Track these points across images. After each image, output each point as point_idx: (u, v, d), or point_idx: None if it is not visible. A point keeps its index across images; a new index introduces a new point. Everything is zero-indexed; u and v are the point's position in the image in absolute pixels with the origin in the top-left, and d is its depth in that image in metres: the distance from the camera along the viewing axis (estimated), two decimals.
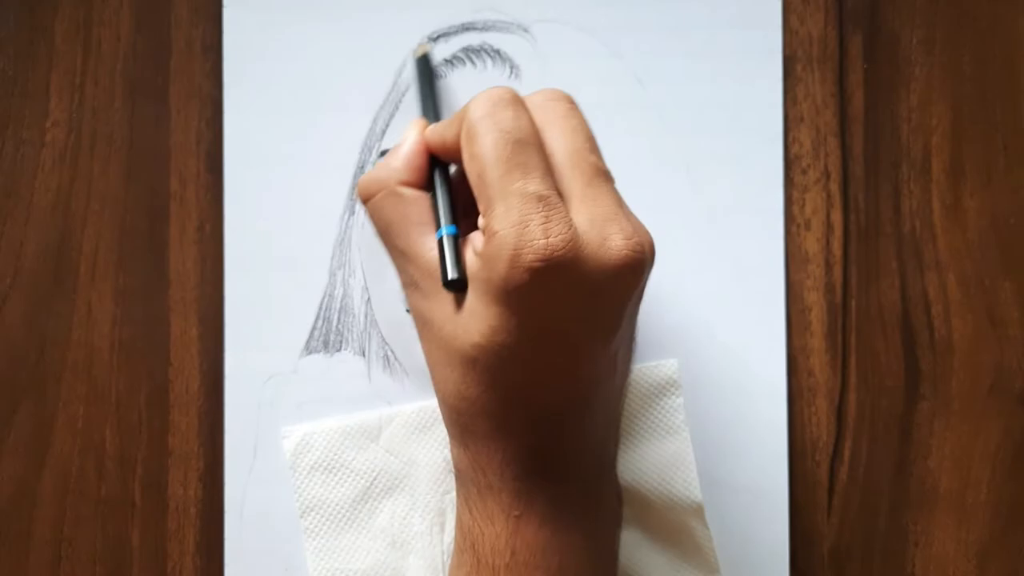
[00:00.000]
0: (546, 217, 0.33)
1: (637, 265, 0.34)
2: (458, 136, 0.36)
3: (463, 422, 0.37)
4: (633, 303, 0.36)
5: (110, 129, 0.46)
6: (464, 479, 0.38)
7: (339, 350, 0.46)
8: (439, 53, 0.46)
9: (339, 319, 0.46)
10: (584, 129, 0.36)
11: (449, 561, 0.42)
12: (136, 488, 0.46)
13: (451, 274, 0.35)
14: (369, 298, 0.46)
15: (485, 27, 0.46)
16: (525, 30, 0.46)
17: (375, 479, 0.45)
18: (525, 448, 0.37)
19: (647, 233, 0.35)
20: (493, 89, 0.35)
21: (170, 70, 0.46)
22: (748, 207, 0.46)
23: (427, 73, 0.44)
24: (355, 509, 0.45)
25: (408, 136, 0.39)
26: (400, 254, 0.38)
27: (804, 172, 0.46)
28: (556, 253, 0.32)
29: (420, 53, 0.45)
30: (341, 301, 0.46)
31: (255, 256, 0.46)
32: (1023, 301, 0.46)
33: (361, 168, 0.46)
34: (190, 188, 0.46)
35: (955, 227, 0.46)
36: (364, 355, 0.46)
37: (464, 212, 0.37)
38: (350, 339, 0.46)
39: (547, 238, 0.32)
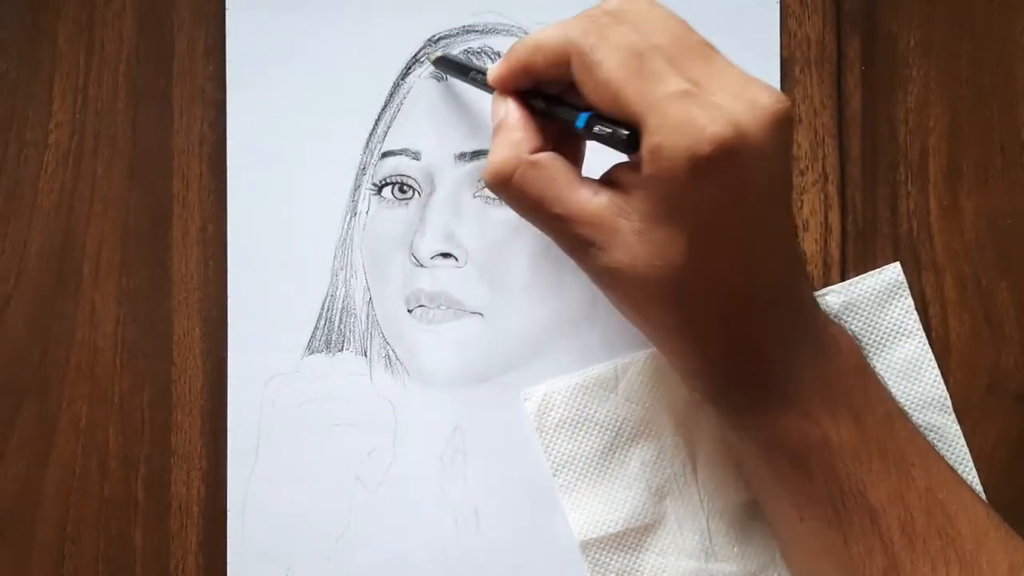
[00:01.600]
0: (700, 107, 0.33)
1: (789, 113, 0.34)
2: (550, 63, 0.35)
3: (696, 347, 0.37)
4: (792, 151, 0.37)
5: (113, 131, 0.47)
6: (727, 403, 0.38)
7: (341, 350, 0.46)
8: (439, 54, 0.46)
9: (341, 319, 0.46)
10: (670, 15, 0.35)
11: (706, 499, 0.43)
12: (139, 488, 0.46)
13: (624, 132, 0.34)
14: (371, 299, 0.46)
15: (486, 30, 0.46)
16: (525, 32, 0.46)
17: (620, 428, 0.45)
18: (763, 331, 0.36)
19: (767, 85, 0.35)
20: (588, 12, 0.35)
21: (173, 72, 0.47)
22: None
23: (456, 66, 0.43)
24: (605, 460, 0.45)
25: (502, 108, 0.38)
26: (560, 221, 0.36)
27: (802, 173, 0.46)
28: (726, 135, 0.32)
29: (434, 58, 0.45)
30: (343, 302, 0.46)
31: (258, 257, 0.46)
32: (1020, 301, 0.46)
33: (363, 169, 0.46)
34: (193, 189, 0.46)
35: (952, 228, 0.46)
36: (366, 355, 0.46)
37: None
38: (352, 339, 0.46)
39: (713, 125, 0.32)
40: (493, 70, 0.38)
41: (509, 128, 0.37)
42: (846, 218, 0.46)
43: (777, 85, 0.46)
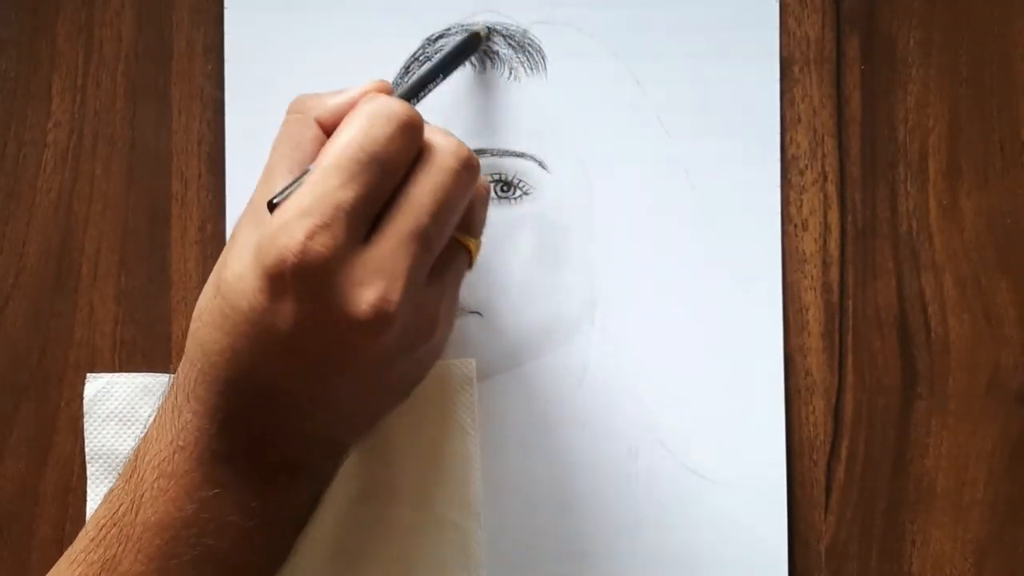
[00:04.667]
0: (325, 225, 0.32)
1: (374, 328, 0.33)
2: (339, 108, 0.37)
3: (193, 330, 0.37)
4: (367, 360, 0.35)
5: (112, 130, 0.47)
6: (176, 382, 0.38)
7: None
8: (437, 53, 0.46)
9: None
10: (449, 200, 0.35)
11: None
12: None
13: (275, 195, 0.35)
14: None
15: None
16: (524, 32, 0.46)
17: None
18: (228, 422, 0.36)
19: (406, 309, 0.34)
20: (395, 103, 0.35)
21: (171, 71, 0.47)
22: (745, 208, 0.46)
23: (461, 52, 0.43)
24: None
25: (359, 87, 0.38)
26: (269, 169, 0.38)
27: (801, 173, 0.46)
28: (305, 257, 0.32)
29: (477, 31, 0.44)
30: None
31: None
32: (1020, 301, 0.46)
33: None
34: (191, 189, 0.46)
35: (952, 227, 0.46)
36: None
37: None
38: None
39: (308, 240, 0.32)
40: (375, 94, 0.38)
41: (338, 95, 0.39)
42: (845, 217, 0.46)
43: (776, 84, 0.46)
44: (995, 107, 0.46)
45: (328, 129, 0.37)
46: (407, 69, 0.46)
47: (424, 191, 0.35)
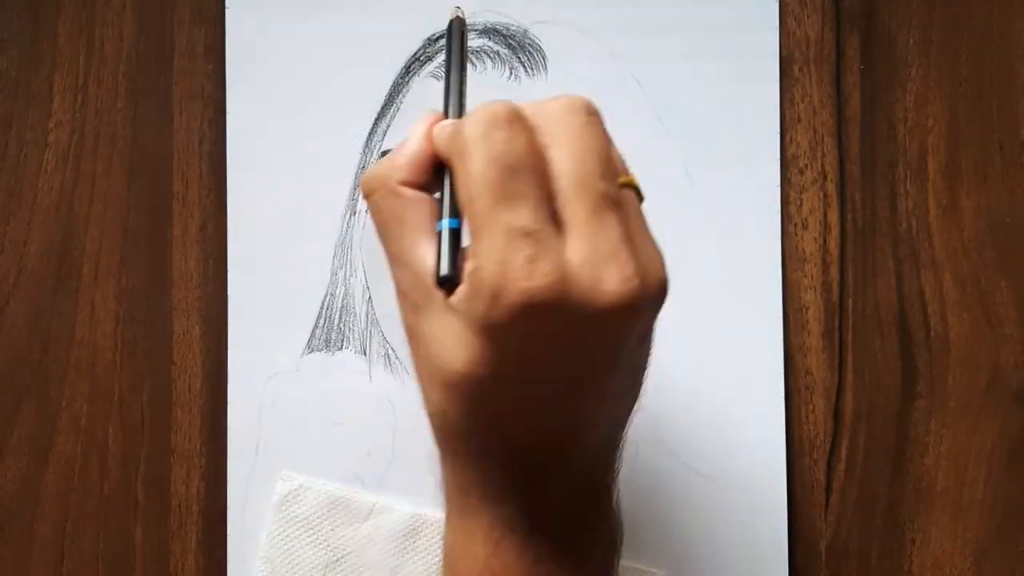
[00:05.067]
0: (531, 256, 0.30)
1: (631, 308, 0.31)
2: (448, 150, 0.33)
3: (447, 440, 0.36)
4: (633, 340, 0.34)
5: (113, 130, 0.47)
6: (448, 496, 0.37)
7: (341, 349, 0.46)
8: (438, 53, 0.46)
9: (341, 318, 0.46)
10: (598, 148, 0.33)
11: None
12: (139, 486, 0.46)
13: (444, 269, 0.32)
14: (370, 297, 0.46)
15: (485, 29, 0.46)
16: (524, 31, 0.46)
17: (342, 558, 0.45)
18: (508, 474, 0.35)
19: (656, 270, 0.32)
20: (489, 105, 0.32)
21: (172, 71, 0.47)
22: (746, 207, 0.46)
23: (457, 46, 0.38)
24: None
25: (414, 131, 0.35)
26: (393, 259, 0.35)
27: (801, 172, 0.46)
28: (538, 295, 0.30)
29: (452, 16, 0.39)
30: (343, 300, 0.46)
31: (257, 256, 0.46)
32: (1019, 300, 0.46)
33: (363, 169, 0.46)
34: (192, 188, 0.46)
35: (951, 226, 0.46)
36: (365, 354, 0.46)
37: None
38: (351, 338, 0.46)
39: (530, 279, 0.30)
40: (441, 124, 0.35)
41: (401, 151, 0.35)
42: (845, 217, 0.46)
43: (776, 84, 0.46)
44: (994, 106, 0.46)
45: (416, 185, 0.35)
46: (407, 69, 0.46)
47: (573, 158, 0.32)
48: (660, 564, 0.45)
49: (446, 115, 0.36)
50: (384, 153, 0.45)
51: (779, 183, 0.46)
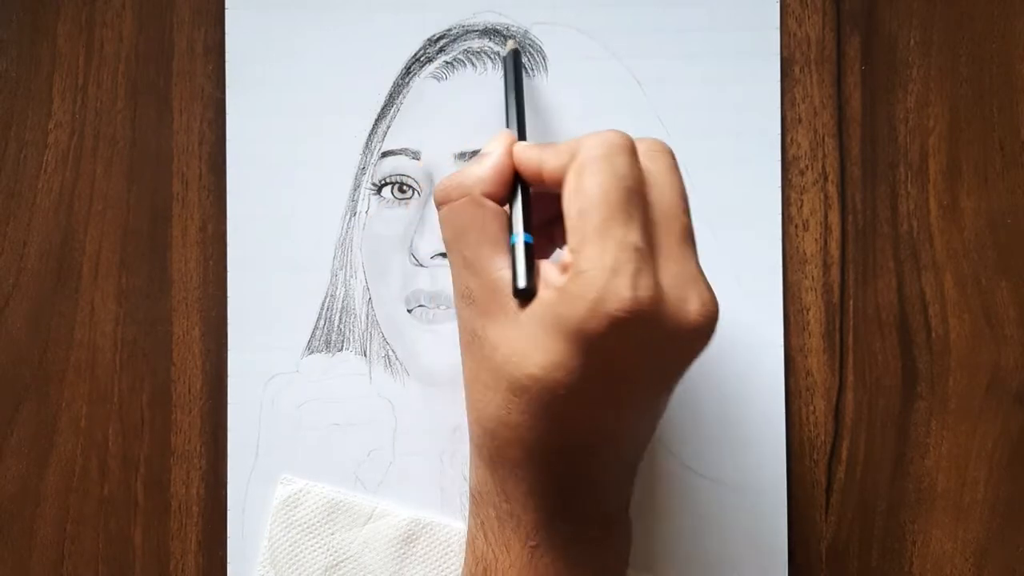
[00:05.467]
0: (637, 270, 0.33)
1: (708, 330, 0.35)
2: (562, 167, 0.35)
3: (496, 446, 0.37)
4: (688, 365, 0.36)
5: (112, 130, 0.47)
6: (483, 502, 0.38)
7: (341, 350, 0.46)
8: (438, 54, 0.46)
9: (341, 319, 0.46)
10: (681, 187, 0.36)
11: None
12: (139, 487, 0.46)
13: (522, 283, 0.34)
14: (370, 298, 0.46)
15: (486, 30, 0.46)
16: (525, 32, 0.46)
17: (342, 562, 0.45)
18: (553, 480, 0.36)
19: (716, 301, 0.35)
20: (612, 132, 0.35)
21: (172, 71, 0.47)
22: (746, 208, 0.46)
23: (516, 77, 0.43)
24: None
25: (496, 147, 0.38)
26: (466, 264, 0.37)
27: (802, 173, 0.46)
28: (640, 307, 0.32)
29: (510, 48, 0.44)
30: (343, 301, 0.46)
31: (257, 257, 0.46)
32: (1020, 301, 0.46)
33: (363, 169, 0.46)
34: (192, 189, 0.46)
35: (952, 227, 0.46)
36: (365, 355, 0.46)
37: (536, 234, 0.37)
38: (351, 339, 0.46)
39: (635, 291, 0.32)
40: (523, 145, 0.38)
41: (482, 163, 0.38)
42: (846, 218, 0.46)
43: (777, 85, 0.46)
44: (995, 107, 0.46)
45: (496, 198, 0.37)
46: (408, 70, 0.46)
47: (665, 193, 0.35)
48: (660, 564, 0.45)
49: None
50: (385, 155, 0.46)
51: (780, 184, 0.46)
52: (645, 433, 0.39)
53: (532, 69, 0.46)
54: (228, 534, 0.45)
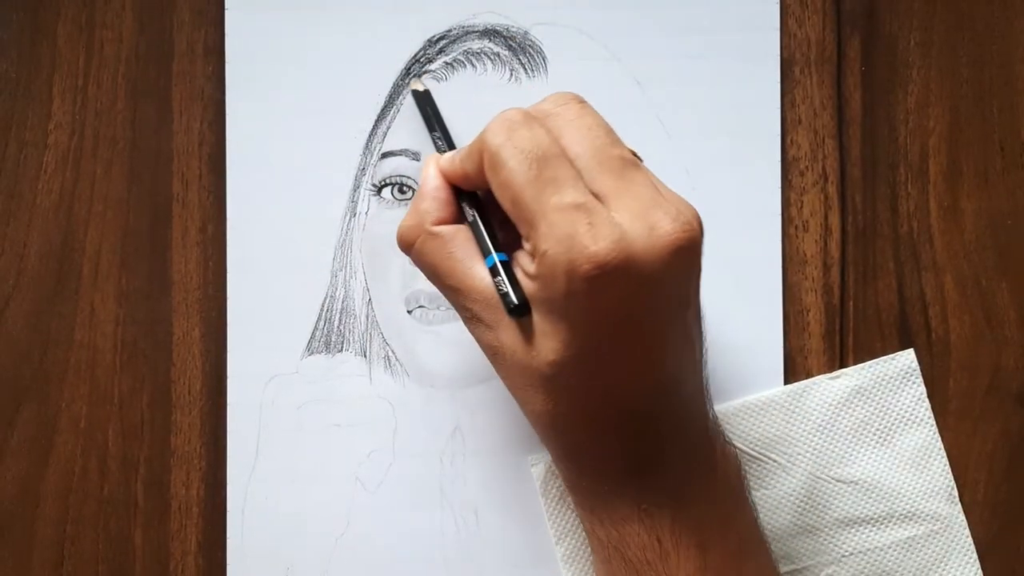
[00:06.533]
0: (590, 224, 0.33)
1: (691, 243, 0.34)
2: (478, 167, 0.36)
3: (561, 437, 0.37)
4: (696, 277, 0.36)
5: (113, 131, 0.47)
6: (583, 492, 0.38)
7: (340, 351, 0.46)
8: (438, 55, 0.46)
9: (340, 320, 0.46)
10: (600, 124, 0.36)
11: None
12: (139, 488, 0.46)
13: (513, 300, 0.35)
14: (370, 299, 0.46)
15: (485, 30, 0.46)
16: (525, 33, 0.46)
17: None
18: (629, 442, 0.36)
19: (690, 207, 0.35)
20: (503, 113, 0.35)
21: (172, 72, 0.47)
22: (746, 209, 0.46)
23: (428, 106, 0.44)
24: None
25: (427, 174, 0.39)
26: (454, 292, 0.38)
27: (802, 174, 0.46)
28: (608, 256, 0.32)
29: (415, 88, 0.45)
30: (342, 302, 0.46)
31: (257, 258, 0.46)
32: (1020, 302, 0.46)
33: (363, 170, 0.46)
34: (192, 190, 0.46)
35: (952, 228, 0.46)
36: (365, 356, 0.46)
37: (501, 227, 0.37)
38: (351, 340, 0.46)
39: (596, 244, 0.32)
40: (445, 158, 0.39)
41: (421, 196, 0.39)
42: (846, 219, 0.46)
43: (777, 86, 0.46)
44: (995, 108, 0.46)
45: (447, 221, 0.38)
46: (407, 70, 0.46)
47: (582, 139, 0.35)
48: None
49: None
50: (385, 156, 0.46)
51: (780, 185, 0.46)
52: (692, 361, 0.38)
53: (532, 70, 0.46)
54: (228, 535, 0.45)
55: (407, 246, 0.38)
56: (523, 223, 0.34)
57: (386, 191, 0.46)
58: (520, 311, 0.35)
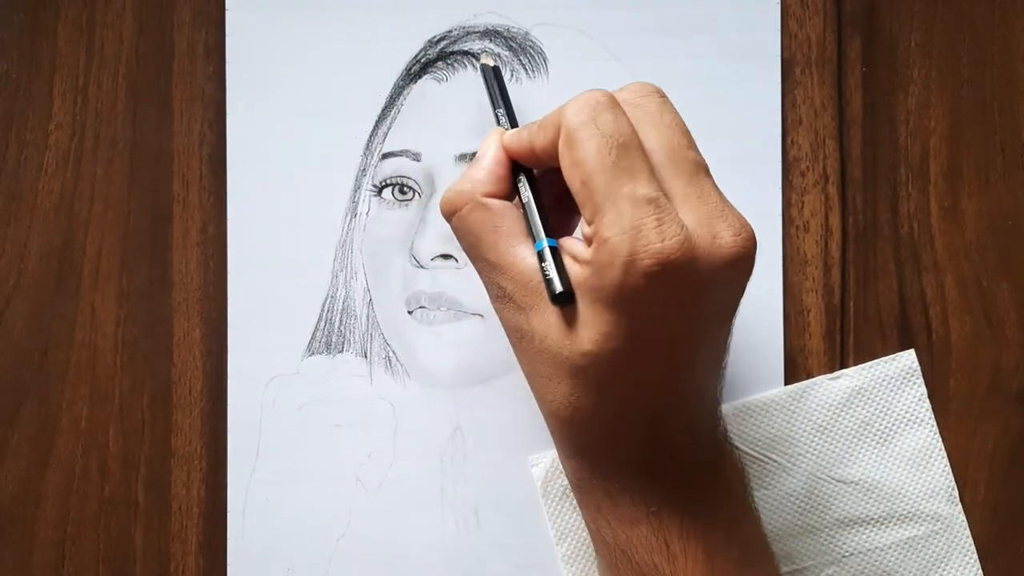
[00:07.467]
0: (659, 220, 0.32)
1: (748, 258, 0.34)
2: (551, 142, 0.35)
3: (576, 433, 0.37)
4: (740, 295, 0.36)
5: (113, 131, 0.47)
6: (590, 490, 0.38)
7: (341, 351, 0.46)
8: (439, 55, 0.46)
9: (341, 321, 0.46)
10: (679, 123, 0.35)
11: None
12: (139, 489, 0.46)
13: (559, 287, 0.34)
14: (371, 300, 0.46)
15: (486, 31, 0.46)
16: (525, 33, 0.46)
17: None
18: (644, 443, 0.36)
19: (749, 225, 0.35)
20: (589, 92, 0.35)
21: (173, 73, 0.47)
22: (747, 209, 0.45)
23: (496, 82, 0.43)
24: None
25: (488, 146, 0.38)
26: (491, 267, 0.37)
27: (803, 175, 0.46)
28: (672, 255, 0.32)
29: (485, 63, 0.44)
30: (343, 303, 0.46)
31: (258, 258, 0.46)
32: (1020, 302, 0.46)
33: (363, 170, 0.46)
34: (193, 190, 0.46)
35: (953, 229, 0.46)
36: (366, 356, 0.46)
37: (549, 213, 0.37)
38: (352, 340, 0.46)
39: (662, 241, 0.32)
40: (511, 133, 0.38)
41: (478, 165, 0.38)
42: (847, 219, 0.46)
43: (778, 86, 0.46)
44: (996, 109, 0.46)
45: (499, 195, 0.37)
46: (408, 71, 0.46)
47: (660, 135, 0.35)
48: None
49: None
50: (385, 156, 0.46)
51: (780, 185, 0.46)
52: (718, 373, 0.38)
53: (532, 70, 0.46)
54: (228, 535, 0.45)
55: (451, 211, 0.37)
56: (589, 206, 0.33)
57: (387, 192, 0.46)
58: (564, 299, 0.34)
